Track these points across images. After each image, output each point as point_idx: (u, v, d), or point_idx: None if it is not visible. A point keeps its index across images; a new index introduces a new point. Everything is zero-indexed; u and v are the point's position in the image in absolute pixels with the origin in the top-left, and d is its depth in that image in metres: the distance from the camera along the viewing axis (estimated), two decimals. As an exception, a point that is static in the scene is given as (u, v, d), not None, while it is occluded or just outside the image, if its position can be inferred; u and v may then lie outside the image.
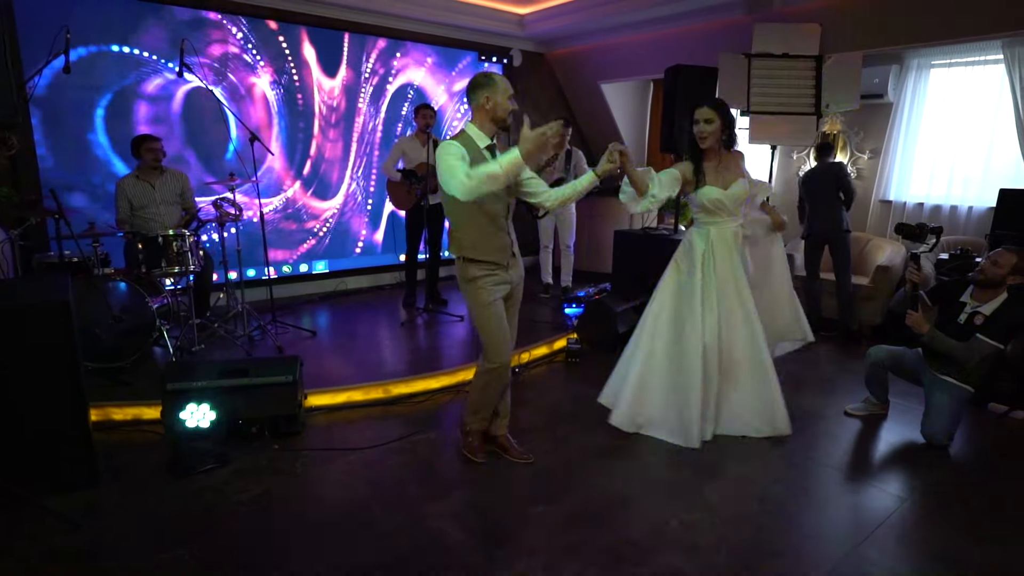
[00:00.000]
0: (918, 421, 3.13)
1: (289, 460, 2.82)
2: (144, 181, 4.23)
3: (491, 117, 2.46)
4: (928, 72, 5.05)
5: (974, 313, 2.94)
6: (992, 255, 2.95)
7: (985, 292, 2.95)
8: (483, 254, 2.53)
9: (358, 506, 2.46)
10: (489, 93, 2.43)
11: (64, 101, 4.53)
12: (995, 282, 2.90)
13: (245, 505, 2.45)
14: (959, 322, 2.98)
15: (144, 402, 3.21)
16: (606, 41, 6.43)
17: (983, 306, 2.93)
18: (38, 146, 4.48)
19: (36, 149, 4.46)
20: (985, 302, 2.94)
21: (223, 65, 5.16)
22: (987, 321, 2.89)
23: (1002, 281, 2.90)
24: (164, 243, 3.79)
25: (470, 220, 2.50)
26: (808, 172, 4.92)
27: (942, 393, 3.00)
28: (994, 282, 2.90)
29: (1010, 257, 2.88)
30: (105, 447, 2.86)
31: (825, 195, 4.63)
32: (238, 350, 4.11)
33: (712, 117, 2.89)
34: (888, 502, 2.55)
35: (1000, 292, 2.92)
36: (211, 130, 5.21)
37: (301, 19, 5.46)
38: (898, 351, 3.29)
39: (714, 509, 2.45)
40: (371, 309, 5.50)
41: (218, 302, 4.89)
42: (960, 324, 2.97)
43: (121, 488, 2.56)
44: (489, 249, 2.54)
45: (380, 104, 6.11)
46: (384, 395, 3.54)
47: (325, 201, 5.95)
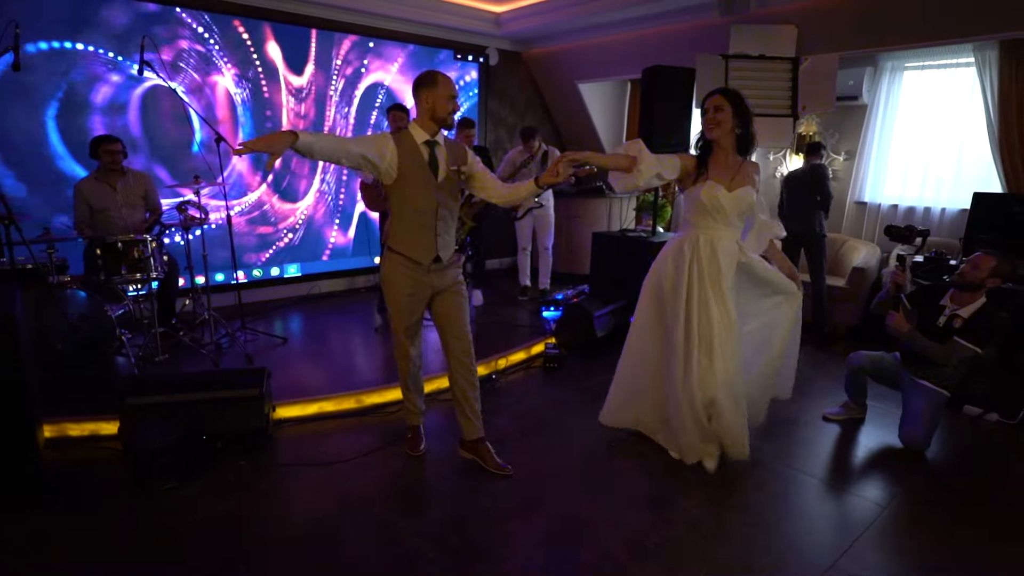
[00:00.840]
0: (895, 425, 3.13)
1: (255, 477, 2.70)
2: (104, 183, 4.05)
3: (431, 115, 2.48)
4: (901, 74, 5.08)
5: (953, 316, 2.95)
6: (971, 259, 2.95)
7: (963, 295, 2.95)
8: (403, 247, 2.55)
9: (327, 525, 2.35)
10: (428, 92, 2.46)
11: (13, 100, 4.29)
12: (974, 285, 2.91)
13: (207, 527, 2.33)
14: (938, 325, 2.98)
15: (102, 417, 3.05)
16: (583, 41, 6.37)
17: (961, 309, 2.94)
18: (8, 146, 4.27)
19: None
20: (964, 305, 2.94)
21: (185, 63, 4.95)
22: (965, 324, 2.89)
23: (981, 284, 2.90)
24: (124, 248, 3.63)
25: (397, 210, 2.56)
26: (792, 172, 4.92)
27: (919, 398, 3.00)
28: (973, 285, 2.91)
29: (989, 260, 2.89)
30: (60, 466, 2.72)
31: (804, 196, 4.63)
32: (205, 359, 3.95)
33: (722, 105, 2.65)
34: (869, 510, 2.53)
35: (978, 296, 2.92)
36: (172, 130, 4.99)
37: (267, 15, 5.28)
38: (878, 356, 3.28)
39: (695, 523, 2.40)
40: (345, 313, 5.37)
41: (184, 308, 4.72)
42: (939, 327, 2.97)
43: (75, 511, 2.42)
44: (409, 245, 2.55)
45: (350, 103, 5.95)
46: (357, 405, 3.43)
47: (294, 203, 5.77)
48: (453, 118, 2.51)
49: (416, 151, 2.47)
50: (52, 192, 4.49)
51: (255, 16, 5.24)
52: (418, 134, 2.49)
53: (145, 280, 3.72)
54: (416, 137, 2.49)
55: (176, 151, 5.04)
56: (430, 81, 2.46)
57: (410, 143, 2.47)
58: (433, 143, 2.51)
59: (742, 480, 2.75)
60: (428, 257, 2.55)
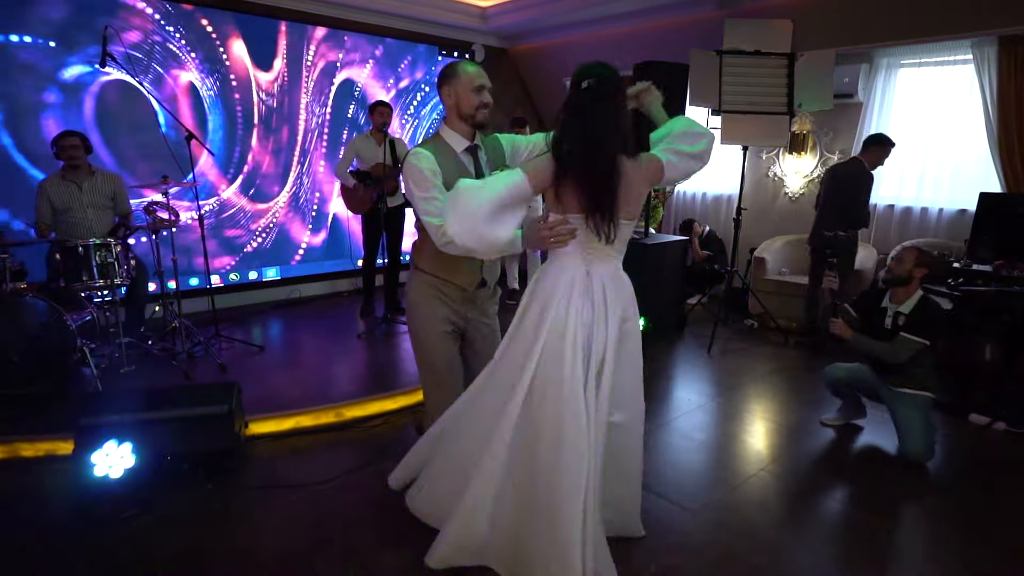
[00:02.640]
0: (891, 429, 3.03)
1: (223, 503, 2.49)
2: (70, 182, 3.81)
3: (457, 114, 2.09)
4: (897, 72, 4.97)
5: (896, 314, 2.98)
6: (896, 254, 2.99)
7: (899, 292, 2.98)
8: (440, 270, 2.17)
9: (301, 561, 2.15)
10: (449, 87, 2.08)
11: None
12: (903, 279, 2.94)
13: (168, 563, 2.13)
14: (886, 327, 3.00)
15: (59, 436, 2.81)
16: (572, 36, 6.20)
17: (901, 306, 2.96)
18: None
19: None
20: (902, 302, 2.97)
21: (147, 56, 4.68)
22: (908, 320, 2.91)
23: (909, 277, 2.93)
24: (86, 253, 3.39)
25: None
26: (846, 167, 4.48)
27: (906, 408, 2.93)
28: (902, 279, 2.94)
29: (911, 252, 2.95)
30: (10, 491, 2.50)
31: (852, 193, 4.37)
32: (176, 371, 3.73)
33: None
34: (875, 527, 2.38)
35: (913, 290, 2.96)
36: (133, 128, 4.70)
37: (241, 7, 5.06)
38: (855, 367, 3.22)
39: (698, 549, 2.24)
40: (326, 319, 5.15)
41: (154, 315, 4.48)
42: (888, 329, 2.99)
43: (20, 544, 2.20)
44: (448, 267, 2.14)
45: (324, 99, 5.70)
46: (336, 419, 3.22)
47: (264, 203, 5.51)
48: (484, 113, 2.08)
49: (459, 163, 2.07)
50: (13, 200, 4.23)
51: (227, 7, 5.00)
52: (455, 140, 2.10)
53: (108, 287, 3.49)
54: (454, 145, 2.09)
55: (138, 150, 4.75)
56: (450, 73, 2.08)
57: (448, 152, 2.06)
58: (475, 148, 2.13)
59: (744, 498, 2.59)
60: (472, 282, 2.18)
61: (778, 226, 5.71)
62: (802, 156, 5.54)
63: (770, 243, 5.39)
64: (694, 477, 2.76)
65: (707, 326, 4.83)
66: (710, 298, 5.74)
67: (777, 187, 5.77)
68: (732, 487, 2.67)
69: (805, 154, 5.53)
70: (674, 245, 4.88)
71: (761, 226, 5.79)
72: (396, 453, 2.90)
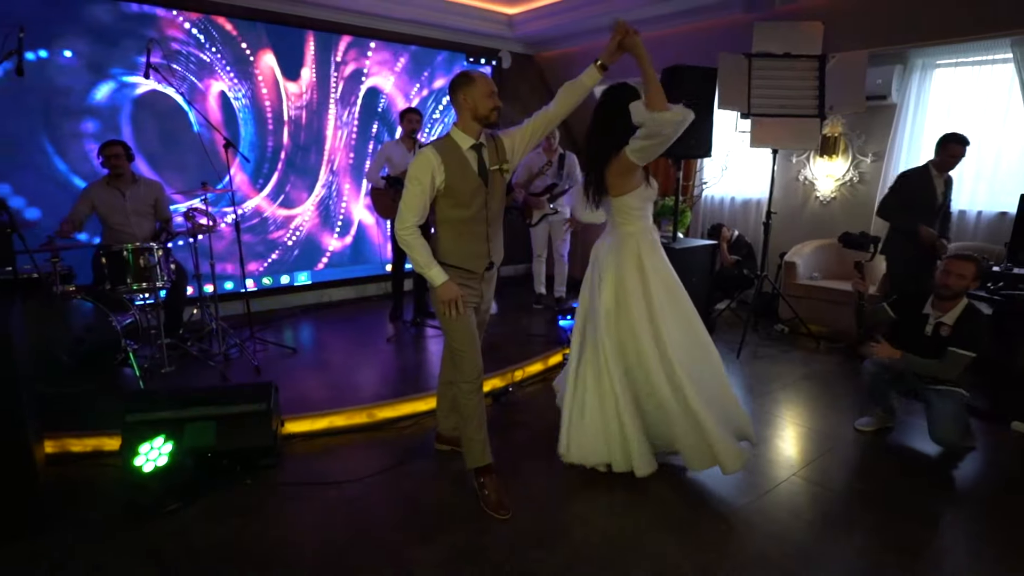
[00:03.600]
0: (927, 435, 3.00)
1: (261, 498, 2.57)
2: (114, 188, 3.97)
3: (473, 115, 2.34)
4: (932, 72, 4.87)
5: (939, 324, 2.93)
6: (952, 268, 2.91)
7: (945, 303, 2.94)
8: (455, 259, 2.43)
9: (336, 553, 2.21)
10: (466, 91, 2.32)
11: (14, 106, 4.20)
12: (961, 294, 2.91)
13: (209, 553, 2.20)
14: (926, 334, 2.96)
15: (105, 432, 2.94)
16: (598, 42, 6.20)
17: (945, 316, 2.92)
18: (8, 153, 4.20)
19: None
20: (947, 311, 2.93)
21: (184, 67, 4.84)
22: (954, 332, 2.87)
23: (965, 290, 2.90)
24: (130, 257, 3.53)
25: (445, 221, 2.43)
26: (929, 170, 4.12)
27: (940, 399, 2.93)
28: (960, 294, 2.91)
29: (971, 266, 2.89)
30: (60, 484, 2.61)
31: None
32: (213, 371, 3.84)
33: None
34: (910, 535, 2.34)
35: (959, 300, 2.91)
36: (167, 137, 4.85)
37: (272, 18, 5.20)
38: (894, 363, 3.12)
39: (730, 552, 2.23)
40: (356, 323, 5.24)
41: (192, 317, 4.62)
42: (927, 336, 2.95)
43: (73, 535, 2.30)
44: (462, 255, 2.44)
45: (351, 107, 5.80)
46: (368, 420, 3.29)
47: (292, 209, 5.62)
48: (495, 115, 2.36)
49: (463, 159, 2.35)
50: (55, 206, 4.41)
51: (273, 20, 5.15)
52: (462, 139, 2.36)
53: (150, 289, 3.62)
54: (461, 143, 2.35)
55: (172, 158, 4.89)
56: (467, 80, 2.33)
57: (454, 151, 2.34)
58: (479, 146, 2.38)
59: (775, 502, 2.56)
60: (482, 265, 2.48)
61: (809, 230, 5.63)
62: (833, 159, 5.46)
63: (800, 247, 5.32)
64: (727, 481, 2.73)
65: (736, 332, 4.79)
66: (739, 303, 5.68)
67: (808, 191, 5.70)
68: (764, 491, 2.65)
69: (837, 157, 5.45)
70: (702, 250, 4.85)
71: (791, 230, 5.71)
72: (425, 454, 2.98)
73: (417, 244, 2.30)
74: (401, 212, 2.30)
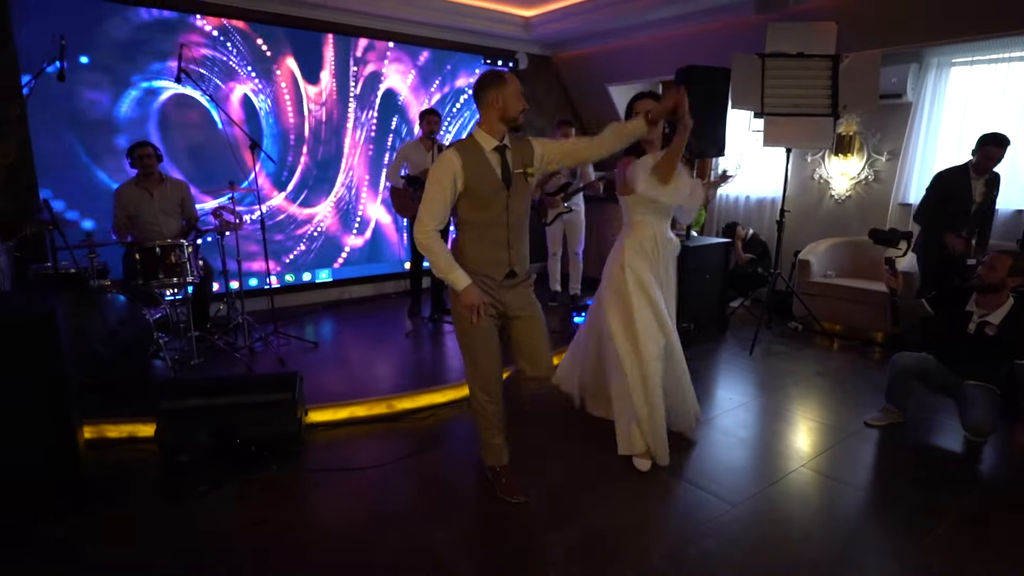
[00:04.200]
0: (938, 432, 3.06)
1: (287, 482, 2.69)
2: (143, 188, 4.14)
3: (501, 116, 2.29)
4: (949, 71, 4.88)
5: (983, 322, 2.91)
6: (987, 260, 2.92)
7: (988, 299, 2.91)
8: (474, 263, 2.35)
9: (358, 532, 2.33)
10: (497, 91, 2.27)
11: (55, 110, 4.39)
12: (996, 287, 2.87)
13: (240, 532, 2.33)
14: (968, 331, 2.94)
15: (140, 419, 3.09)
16: (614, 43, 6.29)
17: (990, 314, 2.90)
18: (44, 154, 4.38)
19: (33, 158, 4.35)
20: (992, 310, 2.91)
21: (210, 71, 5.00)
22: (1000, 332, 2.86)
23: (1002, 284, 2.86)
24: (162, 253, 3.69)
25: (465, 223, 2.37)
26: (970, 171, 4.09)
27: (971, 389, 2.95)
28: (995, 287, 2.87)
29: (1005, 259, 2.86)
30: (98, 467, 2.75)
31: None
32: (238, 363, 3.99)
33: None
34: (917, 527, 2.39)
35: (1004, 298, 2.89)
36: (192, 138, 5.02)
37: (293, 23, 5.35)
38: (922, 357, 3.19)
39: (735, 537, 2.30)
40: (375, 319, 5.38)
41: (218, 312, 4.79)
42: (970, 334, 2.94)
43: (112, 514, 2.44)
44: (481, 260, 2.36)
45: (369, 108, 5.93)
46: (388, 411, 3.41)
47: (312, 208, 5.76)
48: (523, 117, 2.33)
49: (484, 161, 2.29)
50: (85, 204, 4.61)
51: (293, 25, 5.30)
52: (486, 140, 2.30)
53: (181, 284, 3.78)
54: (484, 144, 2.30)
55: (197, 159, 5.06)
56: (497, 80, 2.28)
57: (476, 152, 2.28)
58: (503, 148, 2.33)
59: (782, 492, 2.63)
60: (501, 272, 2.38)
61: (824, 228, 5.65)
62: (848, 158, 5.48)
63: (815, 245, 5.34)
64: (734, 472, 2.81)
65: (750, 329, 4.83)
66: (753, 302, 5.72)
67: (823, 189, 5.71)
68: (771, 481, 2.72)
69: (852, 156, 5.47)
70: (716, 248, 4.91)
71: (806, 228, 5.74)
72: (442, 443, 3.09)
73: (437, 248, 2.24)
74: (421, 216, 2.25)
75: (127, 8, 4.56)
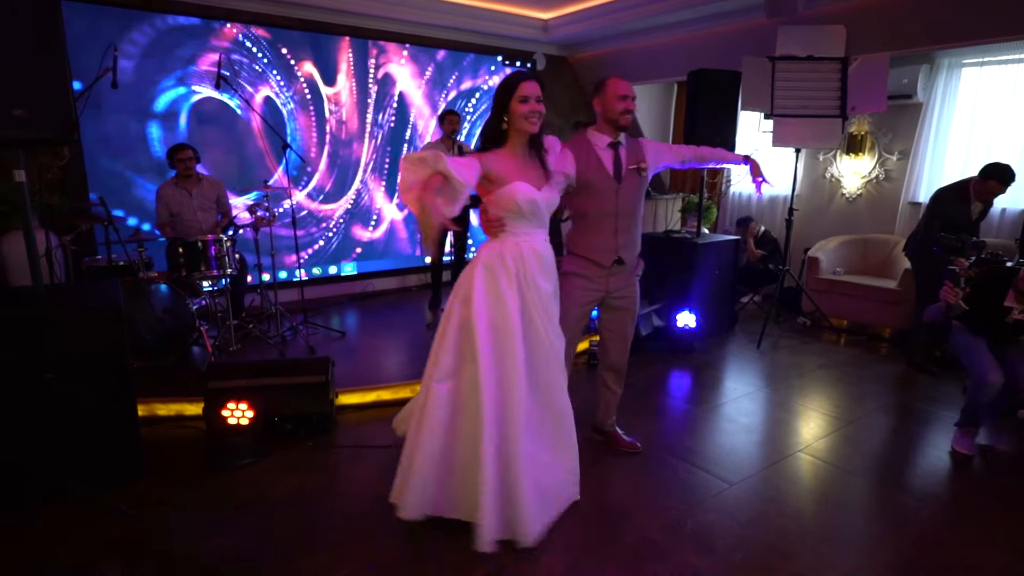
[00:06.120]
0: (940, 424, 3.16)
1: (321, 457, 2.95)
2: (182, 188, 4.42)
3: (604, 118, 2.57)
4: (959, 71, 4.97)
5: (1020, 322, 2.94)
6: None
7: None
8: (583, 250, 2.63)
9: (383, 503, 2.54)
10: (598, 98, 2.57)
11: (103, 115, 4.71)
12: None
13: (281, 499, 2.59)
14: (1007, 323, 2.96)
15: (186, 399, 3.38)
16: (629, 44, 6.46)
17: None
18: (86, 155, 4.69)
19: (84, 158, 4.67)
20: None
21: (238, 75, 5.25)
22: None
23: None
24: (203, 247, 3.97)
25: (578, 213, 2.64)
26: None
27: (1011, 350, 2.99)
28: None
29: None
30: (150, 441, 3.03)
31: None
32: (272, 350, 4.28)
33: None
34: (909, 507, 2.57)
35: None
36: (223, 139, 5.28)
37: (314, 27, 5.59)
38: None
39: (731, 511, 2.50)
40: (397, 311, 5.64)
41: (253, 303, 5.08)
42: (1009, 325, 2.96)
43: (166, 482, 2.71)
44: (590, 247, 2.62)
45: (385, 109, 6.16)
46: (411, 394, 3.63)
47: (330, 204, 6.00)
48: (627, 118, 2.55)
49: (594, 156, 2.55)
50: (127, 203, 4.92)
51: (312, 29, 5.54)
52: (597, 139, 2.58)
53: (221, 276, 4.06)
54: (597, 142, 2.58)
55: (226, 158, 5.32)
56: (599, 87, 2.58)
57: (587, 149, 2.55)
58: (616, 144, 2.59)
59: (778, 474, 2.82)
60: (610, 258, 2.62)
61: (834, 227, 5.77)
62: (860, 157, 5.59)
63: (825, 243, 5.47)
64: (735, 455, 3.00)
65: (759, 324, 4.99)
66: (764, 297, 5.86)
67: (834, 188, 5.83)
68: (769, 463, 2.91)
69: (863, 155, 5.58)
70: (725, 244, 5.07)
71: (817, 226, 5.87)
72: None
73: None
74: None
75: (155, 15, 4.80)
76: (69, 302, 2.69)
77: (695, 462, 2.91)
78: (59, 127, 2.40)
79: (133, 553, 2.23)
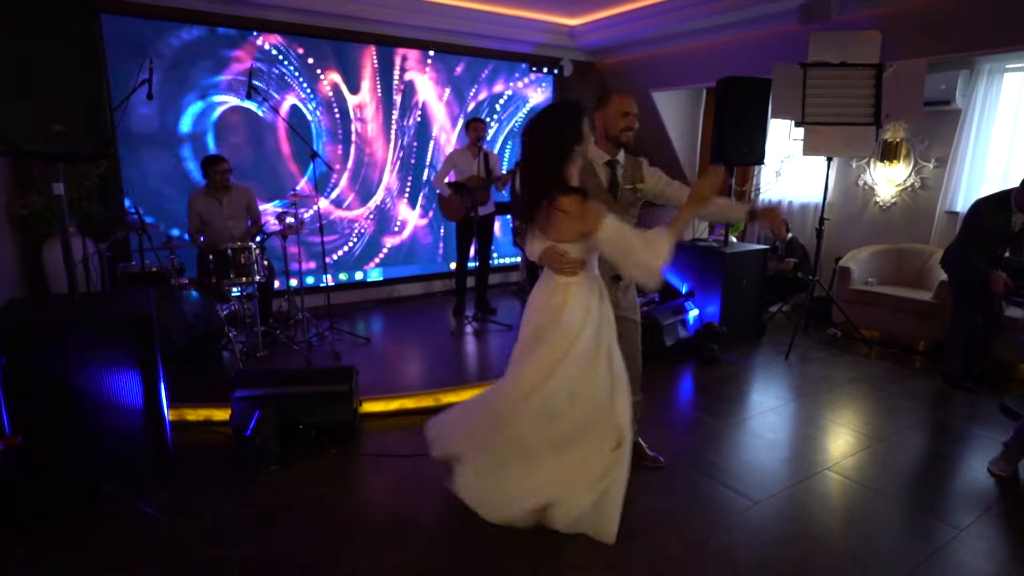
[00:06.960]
0: (977, 445, 3.07)
1: (344, 465, 2.99)
2: (212, 198, 4.52)
3: (605, 134, 2.56)
4: (1001, 77, 4.80)
5: None
6: None
7: None
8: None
9: (408, 512, 2.58)
10: (600, 112, 2.55)
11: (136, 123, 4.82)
12: None
13: (304, 507, 2.62)
14: None
15: (214, 404, 3.45)
16: (658, 50, 6.40)
17: None
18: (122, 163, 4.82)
19: (120, 167, 4.81)
20: None
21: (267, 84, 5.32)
22: None
23: None
24: (233, 255, 4.06)
25: None
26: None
27: None
28: None
29: None
30: (179, 446, 3.10)
31: None
32: (298, 356, 4.34)
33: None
34: (941, 530, 2.48)
35: None
36: (250, 148, 5.37)
37: (343, 35, 5.65)
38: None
39: (755, 531, 2.46)
40: (422, 317, 5.68)
41: (280, 308, 5.17)
42: None
43: (193, 487, 2.77)
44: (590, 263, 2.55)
45: (410, 115, 6.20)
46: (434, 403, 3.67)
47: (353, 211, 6.05)
48: (628, 135, 2.51)
49: (593, 172, 2.51)
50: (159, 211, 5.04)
51: (345, 39, 5.62)
52: (597, 154, 2.53)
53: (249, 283, 4.14)
54: (596, 158, 2.53)
55: (256, 167, 5.40)
56: (603, 101, 2.55)
57: (588, 164, 2.47)
58: (614, 163, 2.56)
59: (805, 493, 2.75)
60: (607, 273, 2.50)
61: (867, 235, 5.63)
62: (895, 164, 5.44)
63: (857, 252, 5.34)
64: (760, 472, 2.95)
65: (788, 334, 4.89)
66: (794, 307, 5.75)
67: (867, 196, 5.69)
68: (795, 482, 2.84)
69: (898, 162, 5.43)
70: (753, 253, 4.99)
71: (850, 235, 5.73)
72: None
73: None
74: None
75: (182, 25, 4.89)
76: (104, 309, 2.76)
77: (719, 478, 2.87)
78: (96, 142, 2.47)
79: (164, 558, 2.28)
